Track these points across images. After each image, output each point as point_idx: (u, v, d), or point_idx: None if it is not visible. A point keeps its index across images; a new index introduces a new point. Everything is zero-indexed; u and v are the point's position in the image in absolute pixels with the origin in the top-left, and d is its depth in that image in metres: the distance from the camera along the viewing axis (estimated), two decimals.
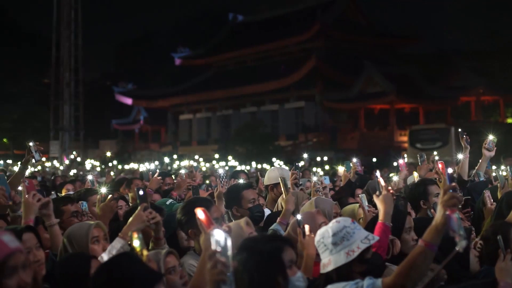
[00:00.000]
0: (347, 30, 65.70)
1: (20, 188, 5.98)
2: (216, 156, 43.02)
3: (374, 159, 33.38)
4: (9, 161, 36.03)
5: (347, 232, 4.06)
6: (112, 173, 16.80)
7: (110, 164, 34.07)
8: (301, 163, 19.27)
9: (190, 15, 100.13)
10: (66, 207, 5.94)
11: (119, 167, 31.54)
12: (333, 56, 63.74)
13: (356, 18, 70.20)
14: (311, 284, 4.22)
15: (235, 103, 72.25)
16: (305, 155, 18.19)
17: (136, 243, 3.88)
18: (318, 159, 38.08)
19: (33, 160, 6.49)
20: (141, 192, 4.90)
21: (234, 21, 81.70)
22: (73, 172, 24.40)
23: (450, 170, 3.71)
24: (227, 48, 75.03)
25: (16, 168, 19.65)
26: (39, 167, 31.32)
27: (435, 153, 9.95)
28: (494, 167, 11.08)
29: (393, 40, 70.99)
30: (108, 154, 51.27)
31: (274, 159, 34.90)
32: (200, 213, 3.80)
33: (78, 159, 46.86)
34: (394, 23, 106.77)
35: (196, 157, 38.92)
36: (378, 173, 5.46)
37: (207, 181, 12.58)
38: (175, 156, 42.70)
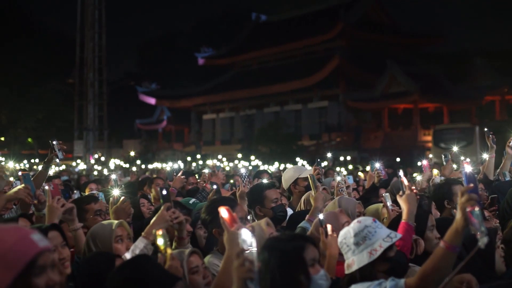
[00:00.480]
0: (370, 30, 65.48)
1: (46, 187, 6.00)
2: (239, 155, 43.01)
3: (398, 159, 33.28)
4: (34, 161, 36.26)
5: (368, 232, 4.04)
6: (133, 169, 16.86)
7: (133, 164, 34.19)
8: (325, 163, 19.23)
9: (213, 15, 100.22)
10: (89, 206, 5.98)
11: (143, 166, 31.68)
12: (356, 56, 63.55)
13: (379, 17, 69.93)
14: (334, 284, 4.21)
15: (259, 102, 72.22)
16: (329, 155, 18.16)
17: (160, 241, 3.89)
18: (342, 158, 38.01)
19: (57, 159, 6.52)
20: (164, 192, 4.90)
21: (257, 21, 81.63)
22: (96, 171, 24.57)
23: (468, 170, 3.67)
24: (250, 48, 75.01)
25: (40, 167, 19.75)
26: (63, 166, 31.54)
27: (454, 148, 9.83)
28: None
29: (417, 39, 70.60)
30: (132, 153, 51.44)
31: (297, 159, 34.88)
32: (223, 212, 3.81)
33: (102, 158, 47.12)
34: (418, 22, 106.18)
35: (220, 156, 38.96)
36: (401, 173, 5.44)
37: (231, 181, 12.59)
38: (198, 156, 42.76)
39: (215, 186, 8.79)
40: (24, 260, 2.74)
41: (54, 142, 6.43)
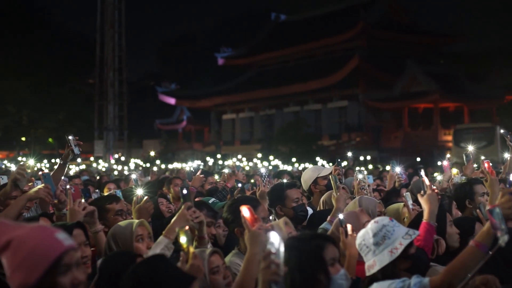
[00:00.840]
0: (390, 29, 65.24)
1: (68, 186, 6.03)
2: (259, 155, 43.01)
3: (418, 159, 33.14)
4: (55, 160, 36.40)
5: (387, 231, 4.04)
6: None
7: (153, 164, 34.26)
8: (345, 163, 19.21)
9: (233, 15, 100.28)
10: (111, 206, 6.01)
11: (162, 166, 31.73)
12: (376, 55, 63.39)
13: (399, 17, 69.67)
14: (354, 284, 4.21)
15: (278, 102, 72.17)
16: (349, 154, 18.13)
17: (183, 239, 3.90)
18: (362, 158, 37.93)
19: (73, 155, 6.53)
20: (184, 191, 4.91)
21: (277, 21, 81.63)
22: (117, 171, 24.64)
23: None
24: (270, 48, 74.99)
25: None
26: (84, 166, 31.66)
27: (470, 148, 9.77)
28: None
29: (437, 38, 70.25)
30: (152, 153, 51.56)
31: (317, 159, 34.83)
32: (245, 211, 3.82)
33: (122, 158, 47.26)
34: (438, 21, 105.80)
35: (239, 156, 38.98)
36: (422, 173, 5.43)
37: (252, 180, 12.59)
38: (218, 156, 42.80)
39: (239, 185, 8.81)
40: (49, 259, 2.78)
41: (70, 137, 6.45)
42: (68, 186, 6.02)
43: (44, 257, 2.77)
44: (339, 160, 8.56)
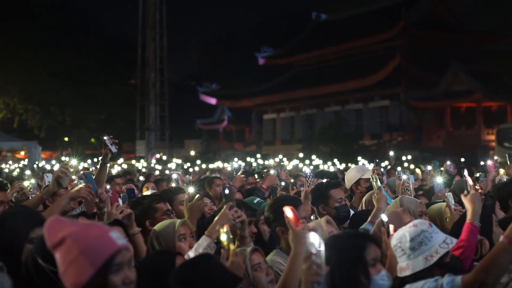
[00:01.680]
0: (432, 28, 64.59)
1: (108, 186, 6.09)
2: (300, 155, 42.90)
3: (462, 159, 32.85)
4: (98, 160, 36.72)
5: (425, 237, 4.02)
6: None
7: (194, 164, 34.39)
8: (386, 163, 19.07)
9: (274, 15, 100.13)
10: (159, 205, 6.03)
11: (203, 166, 31.84)
12: (417, 54, 62.87)
13: (442, 15, 68.94)
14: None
15: (319, 102, 72.02)
16: (391, 154, 18.00)
17: (224, 237, 3.92)
18: (403, 158, 37.70)
19: (111, 154, 6.60)
20: (226, 191, 4.94)
21: (317, 20, 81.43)
22: (158, 171, 24.79)
23: None
24: (310, 47, 74.82)
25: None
26: (125, 166, 31.92)
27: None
28: None
29: (479, 36, 69.43)
30: (193, 153, 51.78)
31: (359, 158, 34.69)
32: (288, 211, 3.83)
33: (164, 158, 47.57)
34: (481, 19, 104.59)
35: (280, 156, 38.96)
36: (466, 172, 5.40)
37: (292, 180, 12.58)
38: (258, 156, 42.83)
39: (283, 183, 8.82)
40: (102, 258, 2.83)
41: (105, 138, 6.52)
42: (108, 187, 6.08)
43: (98, 256, 2.82)
44: (377, 160, 8.54)
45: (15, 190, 9.17)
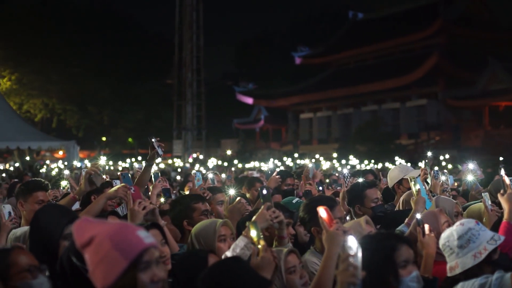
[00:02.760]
0: (470, 26, 64.00)
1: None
2: (336, 155, 42.80)
3: (501, 158, 32.48)
4: (135, 159, 36.98)
5: (472, 234, 4.03)
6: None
7: (230, 164, 34.46)
8: (423, 162, 18.93)
9: (310, 14, 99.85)
10: (197, 205, 6.06)
11: (239, 166, 31.90)
12: (455, 53, 62.30)
13: (480, 13, 68.25)
14: (431, 283, 4.20)
15: (356, 101, 71.68)
16: (429, 153, 17.90)
17: (253, 233, 3.96)
18: (441, 158, 37.45)
19: (157, 156, 6.68)
20: (264, 192, 4.97)
21: (354, 19, 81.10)
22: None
23: None
24: (347, 46, 74.52)
25: (136, 165, 20.18)
26: (162, 165, 32.10)
27: None
28: None
29: None
30: (229, 152, 51.88)
31: (396, 158, 34.52)
32: (322, 211, 3.86)
33: (201, 157, 47.76)
34: None
35: (317, 156, 38.90)
36: (503, 172, 5.38)
37: (327, 180, 12.56)
38: (296, 155, 42.78)
39: (320, 188, 8.82)
40: (130, 256, 2.88)
41: (153, 140, 6.59)
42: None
43: (126, 254, 2.86)
44: (426, 161, 8.50)
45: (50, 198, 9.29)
